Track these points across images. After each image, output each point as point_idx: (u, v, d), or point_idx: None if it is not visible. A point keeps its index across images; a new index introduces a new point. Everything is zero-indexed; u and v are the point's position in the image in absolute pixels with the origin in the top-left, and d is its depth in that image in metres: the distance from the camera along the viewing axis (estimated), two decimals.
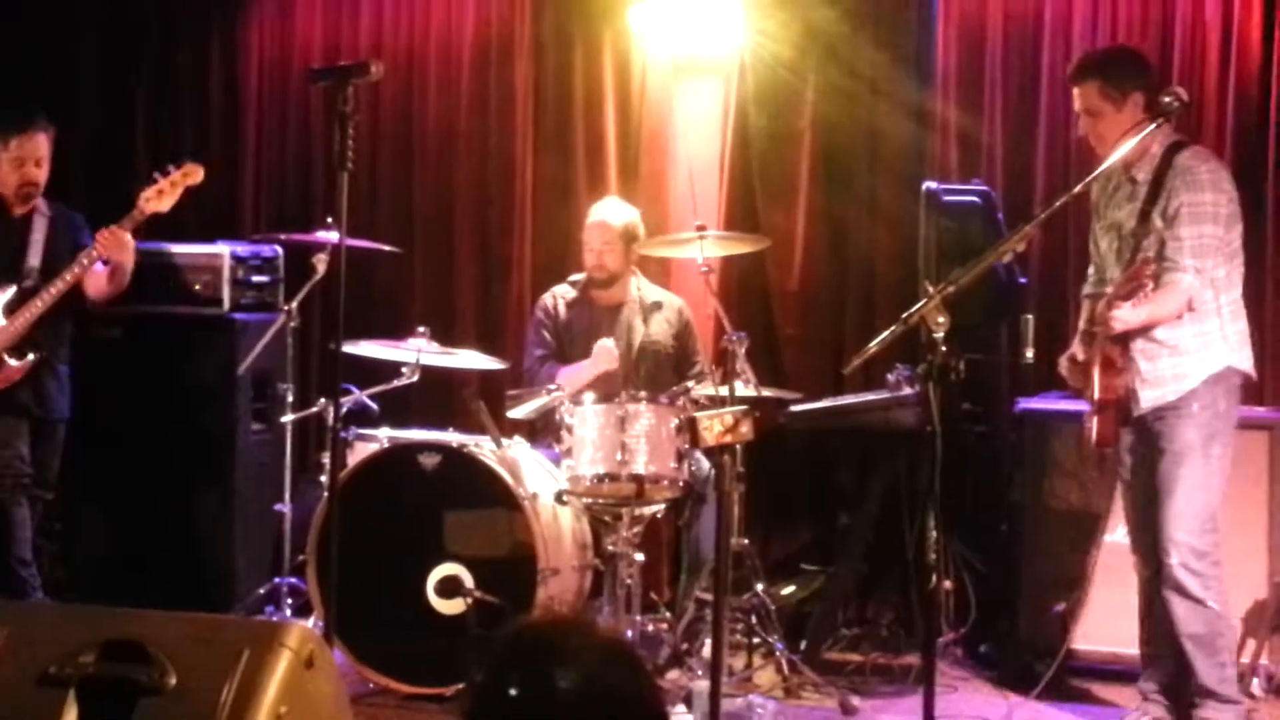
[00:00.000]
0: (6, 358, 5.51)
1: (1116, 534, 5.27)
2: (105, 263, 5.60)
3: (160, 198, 5.57)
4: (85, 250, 5.56)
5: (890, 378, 5.78)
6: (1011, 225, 5.57)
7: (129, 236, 5.55)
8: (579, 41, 6.95)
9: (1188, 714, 4.79)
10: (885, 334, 4.04)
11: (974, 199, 5.89)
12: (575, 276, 6.17)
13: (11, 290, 5.58)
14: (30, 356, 5.54)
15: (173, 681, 2.82)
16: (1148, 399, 4.71)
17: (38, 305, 5.53)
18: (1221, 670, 4.74)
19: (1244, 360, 4.79)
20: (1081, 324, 5.01)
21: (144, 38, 7.43)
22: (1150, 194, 4.68)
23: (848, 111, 6.60)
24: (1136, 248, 4.70)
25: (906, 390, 5.65)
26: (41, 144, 5.68)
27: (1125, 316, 4.57)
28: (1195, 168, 4.68)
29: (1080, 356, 4.86)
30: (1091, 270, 5.10)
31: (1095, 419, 4.72)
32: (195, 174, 5.64)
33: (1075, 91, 4.83)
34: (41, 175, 5.69)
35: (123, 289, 5.71)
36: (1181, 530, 4.66)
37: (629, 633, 5.24)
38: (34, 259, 5.66)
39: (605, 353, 5.80)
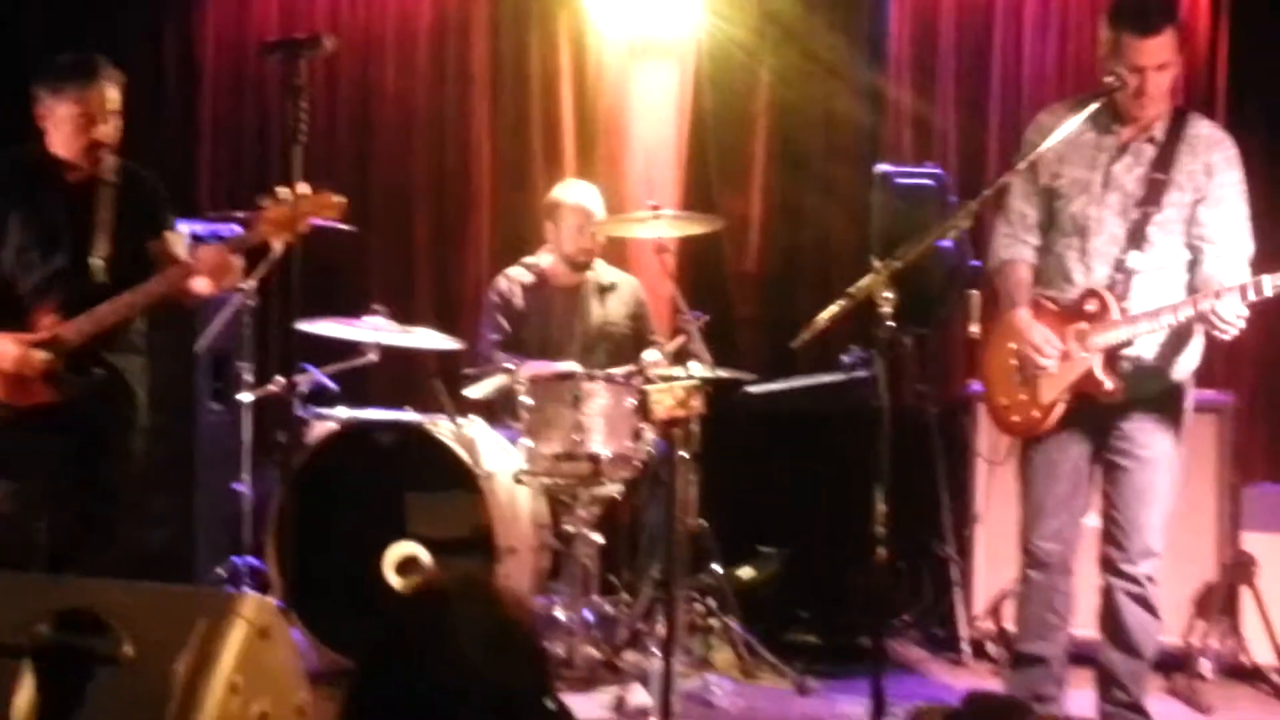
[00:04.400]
0: (60, 368, 4.69)
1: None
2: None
3: (285, 228, 4.45)
4: (179, 266, 4.75)
5: (845, 359, 5.84)
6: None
7: (237, 260, 4.81)
8: (535, 22, 6.96)
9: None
10: (832, 307, 4.03)
11: (927, 181, 5.93)
12: (530, 259, 6.15)
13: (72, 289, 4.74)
14: (95, 372, 4.75)
15: (129, 651, 2.83)
16: (1125, 389, 4.35)
17: (107, 315, 4.68)
18: (1147, 674, 4.58)
19: None
20: (1022, 297, 4.46)
21: (95, 10, 7.34)
22: (1161, 161, 4.31)
23: (803, 94, 6.63)
24: (1145, 220, 4.32)
25: (861, 372, 5.70)
26: (111, 95, 4.80)
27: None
28: (1226, 141, 4.38)
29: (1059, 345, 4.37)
30: (1008, 234, 4.54)
31: (1056, 410, 4.39)
32: (331, 206, 4.50)
33: (1148, 44, 4.22)
34: (114, 133, 4.83)
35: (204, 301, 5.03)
36: (1156, 542, 4.44)
37: (586, 613, 5.28)
38: (102, 246, 4.77)
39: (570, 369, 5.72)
